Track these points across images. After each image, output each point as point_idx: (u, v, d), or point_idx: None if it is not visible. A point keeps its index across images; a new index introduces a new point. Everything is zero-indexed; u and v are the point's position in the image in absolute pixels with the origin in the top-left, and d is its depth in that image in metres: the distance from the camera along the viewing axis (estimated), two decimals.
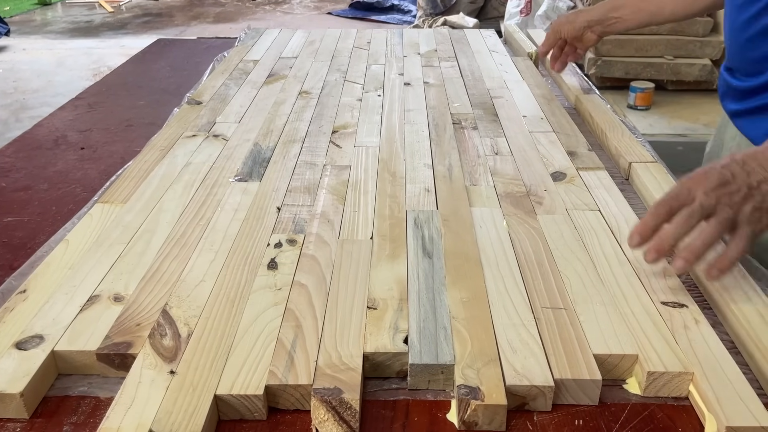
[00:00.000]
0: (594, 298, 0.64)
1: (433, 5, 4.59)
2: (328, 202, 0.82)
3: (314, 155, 0.96)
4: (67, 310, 0.62)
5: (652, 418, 0.53)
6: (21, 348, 0.58)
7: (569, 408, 0.55)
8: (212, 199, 0.83)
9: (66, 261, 0.71)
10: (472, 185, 0.86)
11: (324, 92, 1.23)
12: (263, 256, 0.71)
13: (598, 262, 0.69)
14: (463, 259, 0.70)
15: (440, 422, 0.53)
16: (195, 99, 1.20)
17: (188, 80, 1.43)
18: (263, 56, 1.47)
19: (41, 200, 0.97)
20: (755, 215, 0.61)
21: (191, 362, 0.56)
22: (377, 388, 0.57)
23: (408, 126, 1.06)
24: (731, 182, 0.61)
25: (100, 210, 0.81)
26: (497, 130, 1.05)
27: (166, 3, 6.66)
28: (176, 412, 0.51)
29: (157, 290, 0.65)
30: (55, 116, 1.33)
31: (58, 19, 6.06)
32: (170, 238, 0.74)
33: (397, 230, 0.76)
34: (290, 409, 0.54)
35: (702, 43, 2.84)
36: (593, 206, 0.81)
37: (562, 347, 0.57)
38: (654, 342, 0.58)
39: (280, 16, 6.03)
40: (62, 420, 0.54)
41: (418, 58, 1.45)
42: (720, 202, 0.61)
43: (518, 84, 1.26)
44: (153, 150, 0.98)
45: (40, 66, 4.55)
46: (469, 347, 0.57)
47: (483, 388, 0.52)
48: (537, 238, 0.74)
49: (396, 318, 0.61)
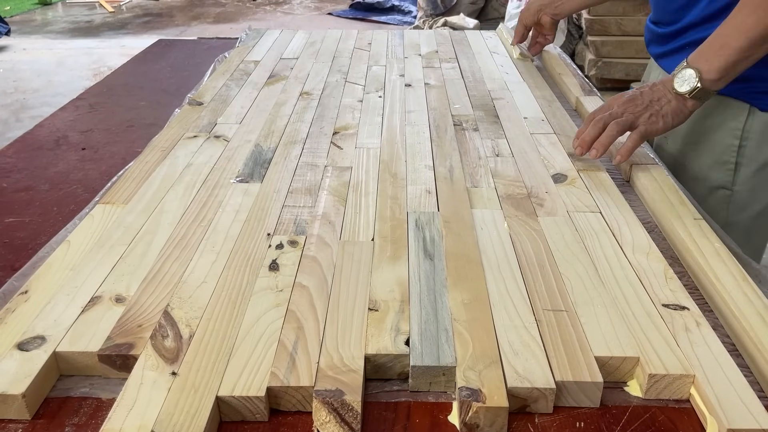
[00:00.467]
0: (595, 300, 0.64)
1: (434, 6, 4.59)
2: (329, 203, 0.82)
3: (315, 156, 0.96)
4: (68, 311, 0.63)
5: (653, 420, 0.54)
6: (23, 349, 0.58)
7: (570, 410, 0.55)
8: (213, 200, 0.83)
9: (67, 262, 0.71)
10: (473, 187, 0.86)
11: (325, 93, 1.23)
12: (264, 258, 0.71)
13: (599, 264, 0.70)
14: (464, 260, 0.70)
15: (441, 424, 0.53)
16: (196, 100, 1.20)
17: (189, 81, 1.43)
18: (264, 57, 1.47)
19: (42, 201, 0.97)
20: (651, 119, 0.87)
21: (193, 363, 0.56)
22: (378, 390, 0.57)
23: (409, 127, 1.06)
24: (638, 98, 0.88)
25: (102, 211, 0.81)
26: (498, 131, 1.05)
27: (166, 3, 6.66)
28: (178, 413, 0.51)
29: (159, 291, 0.66)
30: (56, 116, 1.33)
31: (58, 19, 6.06)
32: (172, 239, 0.74)
33: (399, 232, 0.76)
34: (292, 411, 0.54)
35: None
36: (594, 208, 0.81)
37: (563, 349, 0.57)
38: (655, 344, 0.58)
39: (281, 16, 6.03)
40: (64, 421, 0.54)
41: (418, 59, 1.45)
42: (626, 111, 0.87)
43: (519, 85, 1.26)
44: (154, 151, 0.98)
45: (40, 66, 4.55)
46: (471, 349, 0.57)
47: (484, 390, 0.52)
48: (538, 240, 0.74)
49: (397, 320, 0.61)
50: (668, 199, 0.81)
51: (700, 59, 0.85)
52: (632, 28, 2.85)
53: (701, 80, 0.84)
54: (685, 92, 0.85)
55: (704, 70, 0.84)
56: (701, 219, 0.77)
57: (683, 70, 0.86)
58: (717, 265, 0.68)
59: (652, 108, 0.87)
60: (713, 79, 0.84)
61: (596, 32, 2.89)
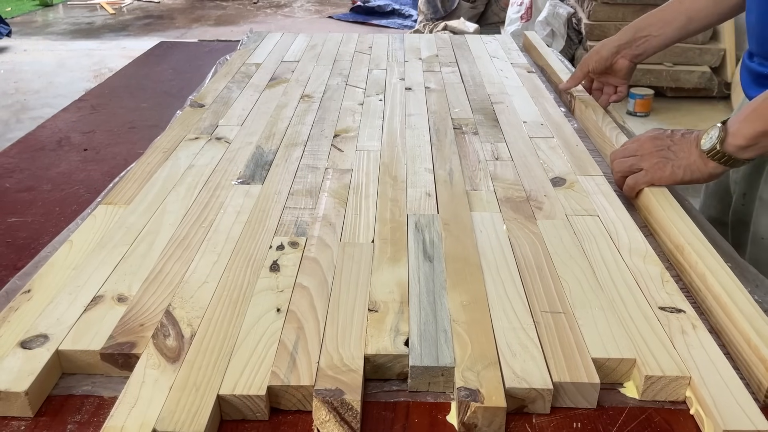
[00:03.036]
0: (593, 303, 0.64)
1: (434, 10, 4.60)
2: (330, 205, 0.83)
3: (316, 159, 0.97)
4: (71, 310, 0.63)
5: (650, 421, 0.54)
6: (26, 347, 0.58)
7: (567, 411, 0.55)
8: (215, 202, 0.84)
9: (70, 261, 0.71)
10: (472, 190, 0.87)
11: (326, 96, 1.24)
12: (265, 259, 0.71)
13: (597, 267, 0.70)
14: (463, 262, 0.70)
15: (440, 424, 0.54)
16: (198, 102, 1.21)
17: (191, 83, 1.44)
18: (265, 60, 1.47)
19: (45, 201, 0.98)
20: (658, 165, 0.83)
21: (194, 362, 0.56)
22: (378, 390, 0.57)
23: (409, 130, 1.07)
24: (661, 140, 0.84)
25: (104, 211, 0.82)
26: (498, 135, 1.05)
27: (167, 5, 6.68)
28: (179, 411, 0.51)
29: (161, 291, 0.66)
30: (59, 117, 1.34)
31: (59, 21, 6.07)
32: (173, 240, 0.75)
33: (398, 234, 0.76)
34: (292, 410, 0.55)
35: (701, 51, 2.85)
36: (592, 212, 0.81)
37: (561, 351, 0.58)
38: (652, 346, 0.58)
39: (281, 19, 6.05)
40: (66, 419, 0.54)
41: (419, 63, 1.46)
42: (639, 151, 0.86)
43: (518, 90, 1.27)
44: (156, 152, 0.99)
45: (41, 67, 4.56)
46: (469, 350, 0.57)
47: (483, 391, 0.53)
48: (537, 243, 0.74)
49: (397, 320, 0.62)
50: (661, 205, 0.82)
51: (734, 121, 0.77)
52: None
53: (723, 143, 0.76)
54: (705, 150, 0.78)
55: (731, 133, 0.76)
56: (693, 224, 0.77)
57: (714, 127, 0.78)
58: (711, 269, 0.68)
59: (667, 153, 0.82)
60: (738, 145, 0.76)
61: (596, 37, 2.90)
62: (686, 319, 0.62)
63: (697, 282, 0.68)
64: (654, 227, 0.81)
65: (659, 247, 0.77)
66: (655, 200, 0.81)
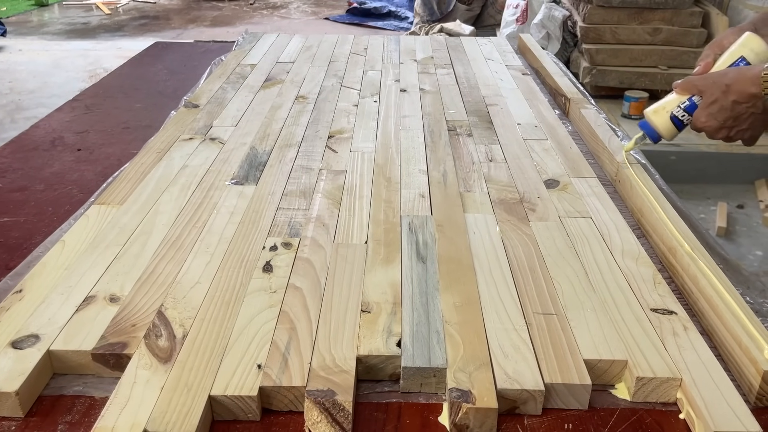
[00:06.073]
0: (585, 304, 0.64)
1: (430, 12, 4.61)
2: (324, 206, 0.83)
3: (310, 160, 0.97)
4: (62, 310, 0.63)
5: (641, 422, 0.54)
6: (17, 347, 0.58)
7: (559, 412, 0.55)
8: (208, 202, 0.84)
9: (62, 261, 0.71)
10: (466, 191, 0.87)
11: (321, 97, 1.24)
12: (258, 259, 0.71)
13: (589, 268, 0.70)
14: (456, 264, 0.71)
15: (432, 425, 0.54)
16: (192, 102, 1.20)
17: (185, 83, 1.44)
18: (260, 61, 1.47)
19: (37, 201, 0.97)
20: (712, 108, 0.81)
21: (186, 363, 0.56)
22: (370, 391, 0.57)
23: (403, 132, 1.07)
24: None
25: (97, 211, 0.81)
26: (492, 137, 1.06)
27: (163, 6, 6.66)
28: (171, 412, 0.51)
29: (153, 291, 0.66)
30: (52, 117, 1.33)
31: (54, 21, 6.05)
32: (166, 240, 0.75)
33: (392, 235, 0.76)
34: (284, 411, 0.55)
35: (696, 54, 2.85)
36: (585, 214, 0.82)
37: (552, 352, 0.58)
38: (643, 348, 0.58)
39: (278, 20, 6.04)
40: (57, 419, 0.54)
41: (414, 64, 1.46)
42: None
43: (513, 92, 1.27)
44: (150, 152, 0.99)
45: (36, 67, 4.54)
46: (462, 351, 0.58)
47: (474, 392, 0.53)
48: (530, 245, 0.75)
49: (389, 321, 0.62)
50: (654, 207, 0.82)
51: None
52: (627, 37, 2.87)
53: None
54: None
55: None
56: (686, 226, 0.77)
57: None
58: (703, 271, 0.69)
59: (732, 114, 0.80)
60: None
61: (591, 40, 2.91)
62: (678, 320, 0.62)
63: (689, 284, 0.68)
64: (646, 229, 0.81)
65: (652, 249, 0.77)
66: (648, 202, 0.81)
